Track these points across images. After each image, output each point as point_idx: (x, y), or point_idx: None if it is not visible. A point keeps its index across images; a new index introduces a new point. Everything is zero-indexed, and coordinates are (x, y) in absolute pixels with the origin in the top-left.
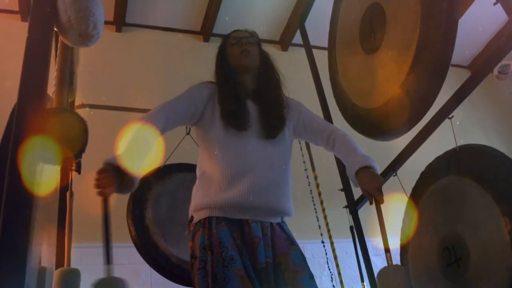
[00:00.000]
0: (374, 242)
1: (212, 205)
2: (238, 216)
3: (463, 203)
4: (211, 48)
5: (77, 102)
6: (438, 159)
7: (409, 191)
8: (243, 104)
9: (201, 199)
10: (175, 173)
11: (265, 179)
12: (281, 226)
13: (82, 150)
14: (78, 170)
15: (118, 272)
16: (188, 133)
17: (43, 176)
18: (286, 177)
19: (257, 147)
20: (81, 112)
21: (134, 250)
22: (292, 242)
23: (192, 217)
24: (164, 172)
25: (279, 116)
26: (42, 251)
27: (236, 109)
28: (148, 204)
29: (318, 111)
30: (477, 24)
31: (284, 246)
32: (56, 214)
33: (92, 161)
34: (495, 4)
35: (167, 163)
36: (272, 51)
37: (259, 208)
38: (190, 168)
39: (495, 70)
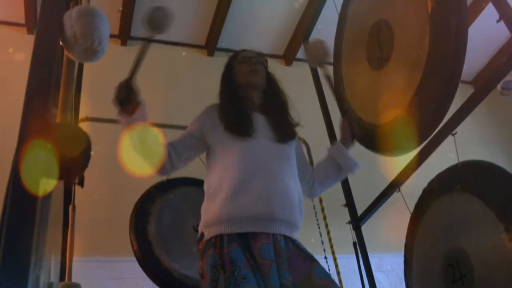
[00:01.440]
0: (377, 259)
1: (224, 218)
2: (251, 229)
3: (467, 219)
4: (216, 62)
5: (80, 116)
6: (440, 175)
7: (412, 206)
8: (248, 114)
9: (211, 214)
10: (179, 187)
11: (277, 184)
12: (297, 244)
13: (85, 164)
14: (81, 184)
15: (119, 287)
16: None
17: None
18: (298, 185)
19: (268, 152)
20: (85, 125)
21: (136, 265)
22: (312, 260)
23: (202, 234)
24: (168, 186)
25: (289, 123)
26: (52, 267)
27: (240, 117)
28: (151, 218)
29: (321, 126)
30: (481, 39)
31: (304, 268)
32: (60, 228)
33: (95, 175)
34: (498, 21)
35: (170, 177)
36: (276, 65)
37: (271, 215)
38: (194, 183)
39: (499, 86)
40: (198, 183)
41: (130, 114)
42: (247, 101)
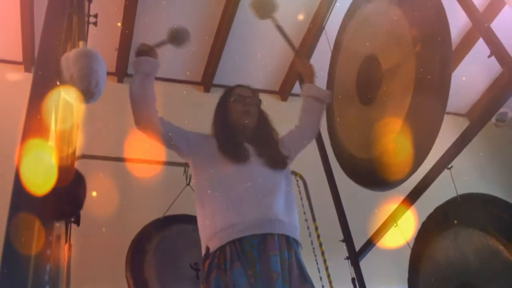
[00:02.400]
0: None
1: (227, 225)
2: (253, 231)
3: (472, 253)
4: (212, 98)
5: (77, 153)
6: (439, 209)
7: (410, 239)
8: (242, 143)
9: (212, 226)
10: (175, 224)
11: (272, 200)
12: (299, 259)
13: (80, 204)
14: (77, 222)
15: None
16: (188, 184)
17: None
18: (293, 202)
19: (262, 175)
20: (81, 162)
21: None
22: (305, 279)
23: (207, 249)
24: (164, 223)
25: (280, 154)
26: None
27: (234, 144)
28: (147, 256)
29: (317, 160)
30: (474, 73)
31: (296, 284)
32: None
33: (91, 213)
34: (489, 57)
35: (166, 214)
36: (271, 101)
37: (273, 216)
38: (190, 220)
39: (493, 118)
40: (194, 220)
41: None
42: (239, 133)
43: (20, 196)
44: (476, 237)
